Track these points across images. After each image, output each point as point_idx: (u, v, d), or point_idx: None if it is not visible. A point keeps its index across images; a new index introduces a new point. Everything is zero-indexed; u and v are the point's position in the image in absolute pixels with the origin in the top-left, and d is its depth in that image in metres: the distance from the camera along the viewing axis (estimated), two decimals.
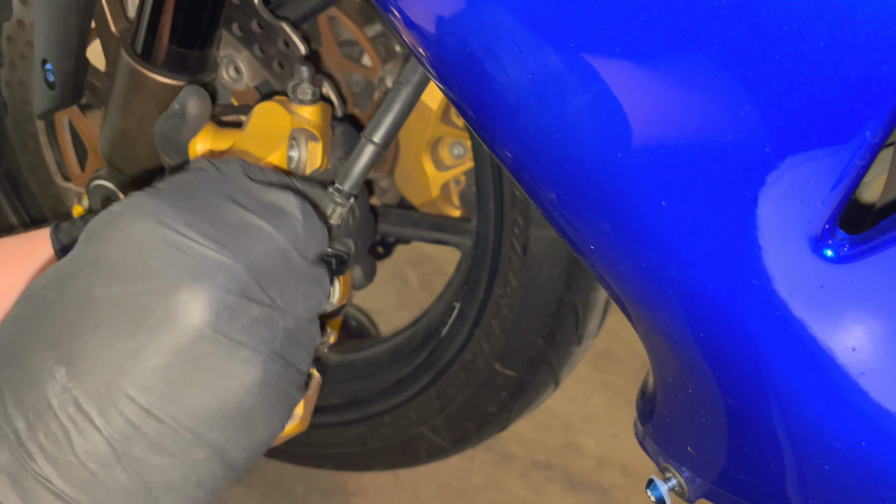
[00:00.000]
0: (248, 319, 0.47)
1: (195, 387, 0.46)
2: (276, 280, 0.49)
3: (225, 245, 0.47)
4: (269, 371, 0.48)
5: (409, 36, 0.50)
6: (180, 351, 0.45)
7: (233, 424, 0.48)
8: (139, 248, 0.46)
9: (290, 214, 0.51)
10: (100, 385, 0.45)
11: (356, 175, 0.62)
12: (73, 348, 0.45)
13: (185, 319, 0.45)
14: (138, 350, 0.45)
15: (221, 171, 0.52)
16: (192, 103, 0.67)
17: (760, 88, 0.39)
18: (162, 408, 0.46)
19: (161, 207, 0.48)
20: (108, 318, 0.46)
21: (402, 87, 0.63)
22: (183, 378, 0.46)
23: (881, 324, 0.42)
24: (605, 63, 0.42)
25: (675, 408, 0.57)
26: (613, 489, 1.25)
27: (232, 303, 0.46)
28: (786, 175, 0.41)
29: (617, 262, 0.50)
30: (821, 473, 0.48)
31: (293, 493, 1.20)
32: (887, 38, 0.36)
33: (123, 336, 0.45)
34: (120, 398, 0.45)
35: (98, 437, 0.45)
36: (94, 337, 0.45)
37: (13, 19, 1.00)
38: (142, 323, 0.45)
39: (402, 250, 1.41)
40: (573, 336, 0.90)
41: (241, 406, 0.47)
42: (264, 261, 0.48)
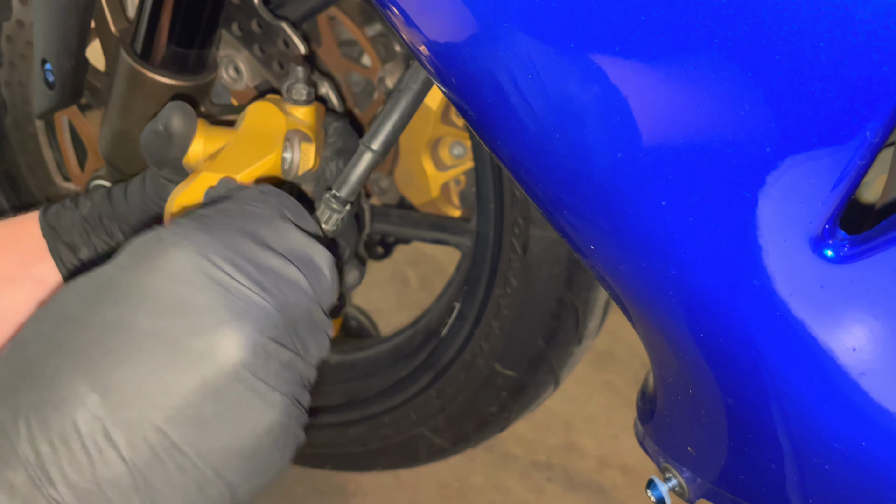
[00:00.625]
0: (278, 363, 0.48)
1: (224, 425, 0.47)
2: (301, 329, 0.50)
3: (266, 289, 0.48)
4: (287, 414, 0.49)
5: (409, 36, 0.50)
6: (215, 389, 0.46)
7: (249, 464, 0.49)
8: (187, 283, 0.47)
9: (321, 270, 0.52)
10: (132, 416, 0.45)
11: (354, 182, 0.62)
12: (109, 377, 0.46)
13: (224, 358, 0.46)
14: (174, 384, 0.46)
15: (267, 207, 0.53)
16: (175, 122, 0.66)
17: (761, 88, 0.39)
18: (190, 443, 0.46)
19: (210, 243, 0.48)
20: (148, 352, 0.46)
21: (401, 95, 0.63)
22: (214, 415, 0.46)
23: (881, 324, 0.42)
24: (606, 63, 0.42)
25: (676, 408, 0.57)
26: (613, 489, 1.25)
27: (267, 346, 0.47)
28: (786, 175, 0.41)
29: (617, 262, 0.50)
30: (821, 473, 0.48)
31: (293, 493, 1.20)
32: (887, 39, 0.36)
33: (161, 370, 0.46)
34: (150, 430, 0.45)
35: (123, 467, 0.45)
36: (131, 368, 0.46)
37: (13, 19, 1.00)
38: (182, 359, 0.46)
39: (402, 250, 1.41)
40: (573, 336, 0.90)
41: (259, 447, 0.48)
42: (295, 310, 0.49)
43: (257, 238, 0.50)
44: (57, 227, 0.69)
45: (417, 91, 0.63)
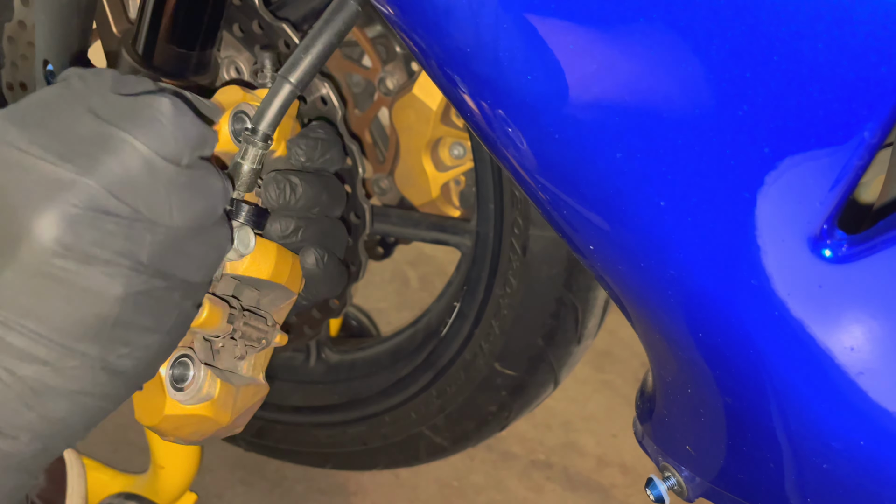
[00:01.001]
0: (100, 233, 0.47)
1: (51, 301, 0.46)
2: (138, 190, 0.48)
3: (70, 160, 0.47)
4: (134, 283, 0.48)
5: (408, 36, 0.51)
6: (29, 269, 0.46)
7: (101, 334, 0.48)
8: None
9: (156, 120, 0.49)
10: None
11: (271, 114, 0.60)
12: None
13: (28, 238, 0.46)
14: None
15: (87, 85, 0.51)
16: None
17: (759, 89, 0.39)
18: (19, 322, 0.46)
19: (6, 129, 0.47)
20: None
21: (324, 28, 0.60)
22: (37, 293, 0.46)
23: (879, 323, 0.42)
24: (605, 63, 0.43)
25: (675, 407, 0.57)
26: (613, 488, 1.25)
27: (79, 217, 0.46)
28: (784, 175, 0.41)
29: (616, 262, 0.50)
30: (819, 472, 0.48)
31: (293, 493, 1.20)
32: (886, 39, 0.36)
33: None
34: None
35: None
36: None
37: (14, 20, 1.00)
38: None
39: (402, 250, 1.41)
40: (573, 336, 0.90)
41: (105, 317, 0.48)
42: (120, 171, 0.47)
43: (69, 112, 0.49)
44: None
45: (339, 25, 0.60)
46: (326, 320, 0.94)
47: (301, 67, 0.60)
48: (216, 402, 0.61)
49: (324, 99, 0.81)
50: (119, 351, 0.49)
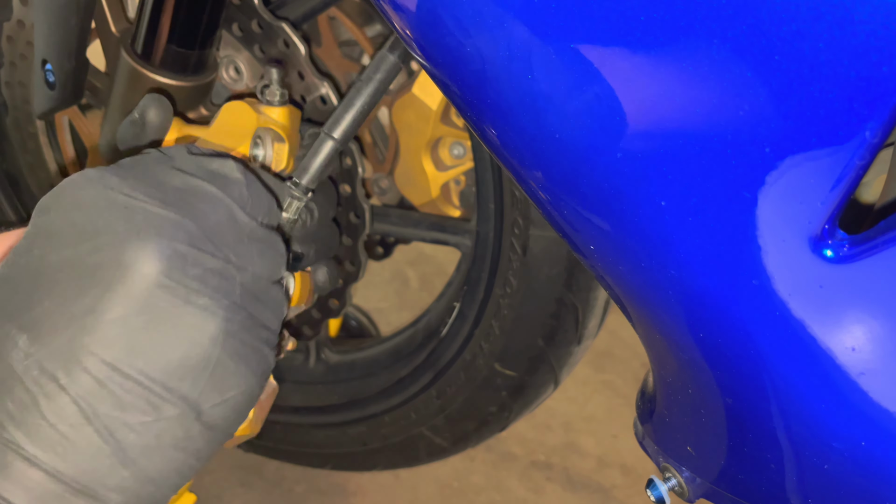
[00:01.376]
0: (201, 269, 0.48)
1: (157, 337, 0.46)
2: (226, 238, 0.50)
3: (170, 203, 0.48)
4: (231, 320, 0.49)
5: (409, 36, 0.51)
6: (137, 301, 0.46)
7: (202, 376, 0.48)
8: (85, 211, 0.47)
9: (234, 179, 0.52)
10: (62, 345, 0.45)
11: (314, 170, 0.62)
12: (32, 315, 0.46)
13: (136, 269, 0.46)
14: (95, 305, 0.46)
15: (167, 151, 0.54)
16: (151, 112, 0.67)
17: (760, 88, 0.39)
18: (127, 361, 0.46)
19: (105, 175, 0.49)
20: (62, 281, 0.46)
21: (364, 85, 0.63)
22: (144, 329, 0.46)
23: (880, 324, 0.42)
24: (605, 63, 0.43)
25: (675, 408, 0.57)
26: (613, 489, 1.25)
27: (183, 251, 0.47)
28: (785, 175, 0.41)
29: (617, 262, 0.50)
30: (820, 473, 0.48)
31: (293, 493, 1.20)
32: (887, 39, 0.36)
33: (79, 294, 0.46)
34: (83, 355, 0.45)
35: (65, 397, 0.45)
36: (50, 300, 0.46)
37: (13, 19, 1.00)
38: (95, 279, 0.46)
39: (402, 250, 1.41)
40: (573, 336, 0.90)
41: (207, 357, 0.48)
42: (212, 219, 0.49)
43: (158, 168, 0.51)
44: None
45: (381, 80, 0.63)
46: (326, 320, 0.94)
47: (344, 123, 0.62)
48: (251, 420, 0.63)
49: (323, 99, 0.81)
50: (213, 399, 0.49)
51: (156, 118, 0.66)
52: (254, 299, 0.51)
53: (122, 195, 0.48)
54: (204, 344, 0.47)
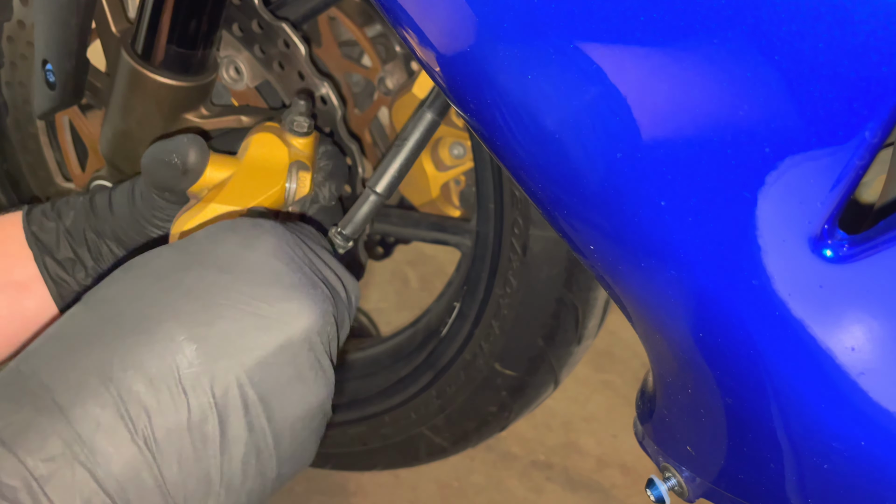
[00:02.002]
0: (331, 347, 0.54)
1: (288, 391, 0.51)
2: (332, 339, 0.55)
3: (327, 285, 0.54)
4: (324, 402, 0.54)
5: (409, 36, 0.51)
6: (292, 351, 0.51)
7: (295, 442, 0.53)
8: (278, 261, 0.53)
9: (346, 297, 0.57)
10: (223, 367, 0.49)
11: (358, 222, 0.67)
12: (208, 330, 0.49)
13: (302, 324, 0.51)
14: (262, 342, 0.50)
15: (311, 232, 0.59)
16: (192, 158, 0.67)
17: (760, 89, 0.39)
18: (264, 401, 0.50)
19: (289, 237, 0.55)
20: (247, 313, 0.50)
21: (405, 143, 0.67)
22: (282, 379, 0.51)
23: (880, 324, 0.42)
24: (605, 63, 0.43)
25: (675, 408, 0.57)
26: (613, 489, 1.25)
27: (328, 327, 0.53)
28: (785, 175, 0.41)
29: (616, 262, 0.50)
30: (820, 473, 0.48)
31: (293, 493, 1.20)
32: (886, 39, 0.36)
33: (253, 329, 0.50)
34: (235, 382, 0.49)
35: (211, 413, 0.49)
36: (228, 324, 0.50)
37: (14, 19, 1.00)
38: (274, 322, 0.51)
39: (402, 250, 1.41)
40: (573, 336, 0.90)
41: (309, 425, 0.53)
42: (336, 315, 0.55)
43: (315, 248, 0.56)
44: (42, 237, 0.70)
45: (420, 139, 0.68)
46: None
47: (387, 178, 0.68)
48: None
49: (323, 98, 0.81)
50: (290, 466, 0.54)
51: (196, 164, 0.67)
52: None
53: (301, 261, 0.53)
54: (314, 413, 0.53)
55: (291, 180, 0.69)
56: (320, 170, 0.73)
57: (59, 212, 0.71)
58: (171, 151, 0.66)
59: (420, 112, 0.68)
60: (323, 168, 0.73)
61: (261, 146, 0.70)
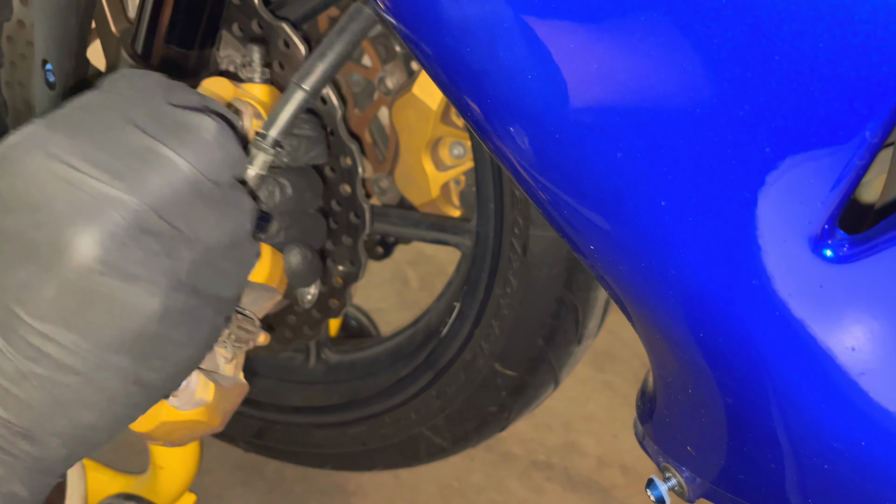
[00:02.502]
0: (143, 252, 0.47)
1: (91, 317, 0.47)
2: (180, 208, 0.48)
3: (120, 177, 0.47)
4: (173, 298, 0.48)
5: (409, 35, 0.50)
6: (71, 285, 0.46)
7: (138, 350, 0.49)
8: (30, 181, 0.46)
9: (202, 138, 0.50)
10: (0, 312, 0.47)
11: (283, 121, 0.59)
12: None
13: (72, 255, 0.46)
14: (30, 281, 0.46)
15: (134, 90, 0.51)
16: None
17: (760, 89, 0.39)
18: (60, 334, 0.47)
19: (55, 139, 0.47)
20: (3, 251, 0.47)
21: (337, 36, 0.60)
22: (78, 309, 0.47)
23: (881, 324, 0.42)
24: (605, 63, 0.42)
25: (675, 408, 0.57)
26: (613, 489, 1.25)
27: (124, 237, 0.46)
28: (785, 175, 0.41)
29: (617, 262, 0.50)
30: (820, 473, 0.48)
31: (293, 493, 1.20)
32: (887, 39, 0.36)
33: (15, 266, 0.46)
34: (19, 324, 0.46)
35: (2, 357, 0.47)
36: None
37: (13, 19, 1.00)
38: (32, 256, 0.46)
39: (402, 250, 1.41)
40: (573, 336, 0.90)
41: (142, 333, 0.48)
42: (165, 189, 0.48)
43: (118, 122, 0.49)
44: None
45: (355, 32, 0.60)
46: (326, 320, 0.93)
47: (315, 75, 0.59)
48: (210, 406, 0.61)
49: (323, 98, 0.81)
50: (152, 365, 0.50)
51: None
52: (205, 271, 0.50)
53: (68, 167, 0.46)
54: (139, 322, 0.48)
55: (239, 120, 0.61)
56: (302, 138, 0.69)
57: None
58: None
59: (356, 5, 0.61)
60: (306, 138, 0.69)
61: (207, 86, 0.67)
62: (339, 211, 0.84)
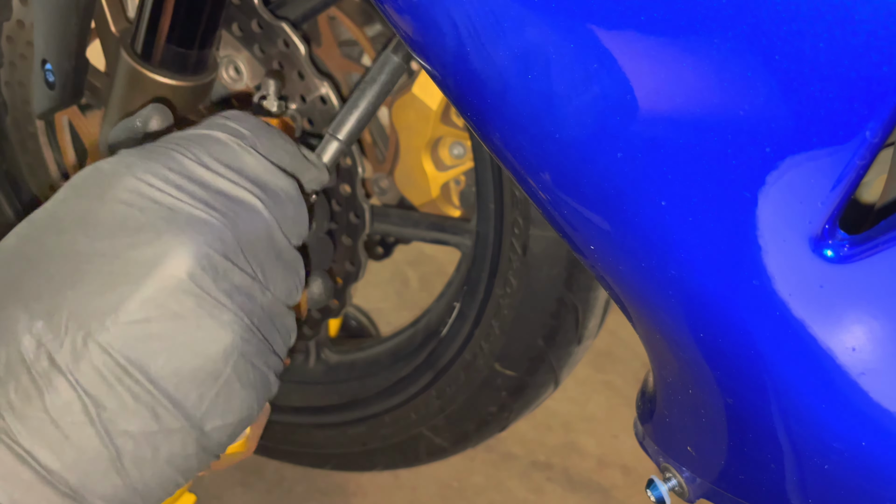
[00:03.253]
0: (229, 284, 0.47)
1: (173, 343, 0.45)
2: (259, 255, 0.49)
3: (212, 206, 0.47)
4: (246, 341, 0.47)
5: (409, 35, 0.50)
6: (160, 302, 0.45)
7: (209, 393, 0.47)
8: (125, 204, 0.46)
9: (287, 198, 0.51)
10: (77, 339, 0.44)
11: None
12: (50, 302, 0.44)
13: (167, 269, 0.45)
14: (119, 303, 0.44)
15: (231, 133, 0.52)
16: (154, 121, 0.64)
17: (760, 88, 0.39)
18: (139, 364, 0.45)
19: (150, 167, 0.47)
20: (92, 272, 0.45)
21: (368, 86, 0.63)
22: (162, 333, 0.45)
23: (881, 324, 0.42)
24: (605, 63, 0.42)
25: (675, 408, 0.57)
26: (613, 489, 1.25)
27: (216, 262, 0.46)
28: (786, 175, 0.41)
29: (617, 262, 0.50)
30: (820, 473, 0.48)
31: (293, 493, 1.20)
32: (887, 38, 0.36)
33: (106, 289, 0.44)
34: (96, 353, 0.44)
35: (71, 392, 0.44)
36: (73, 291, 0.44)
37: (13, 19, 1.00)
38: (125, 275, 0.45)
39: (402, 250, 1.41)
40: (573, 336, 0.90)
41: (217, 374, 0.47)
42: (250, 233, 0.48)
43: (212, 163, 0.49)
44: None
45: (385, 82, 0.63)
46: (326, 320, 0.93)
47: (348, 125, 0.62)
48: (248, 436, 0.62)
49: (323, 98, 0.81)
50: (215, 421, 0.48)
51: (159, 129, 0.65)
52: (269, 323, 0.50)
53: (165, 194, 0.47)
54: (217, 360, 0.46)
55: None
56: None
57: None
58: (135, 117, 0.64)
59: (385, 55, 0.63)
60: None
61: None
62: (339, 211, 0.84)
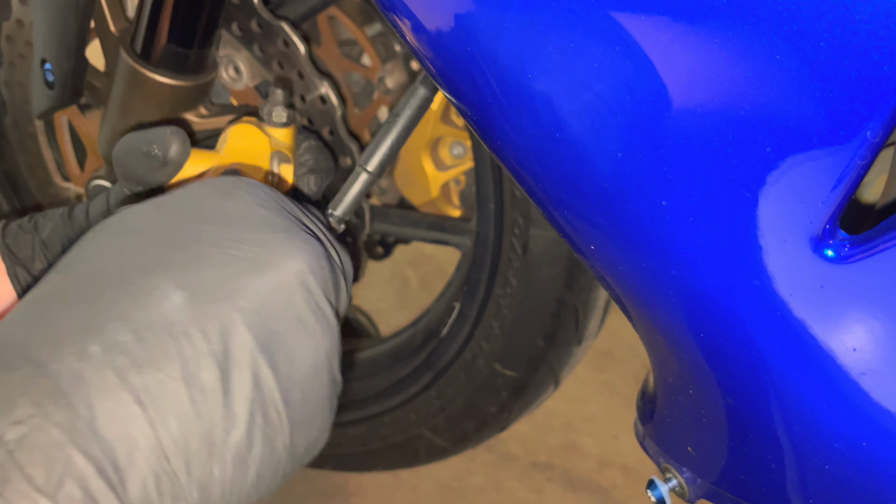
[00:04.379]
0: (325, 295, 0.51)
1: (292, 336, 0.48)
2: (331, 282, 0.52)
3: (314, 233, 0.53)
4: (331, 359, 0.50)
5: (409, 35, 0.50)
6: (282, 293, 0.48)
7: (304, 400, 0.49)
8: (266, 209, 0.51)
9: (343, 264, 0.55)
10: (216, 314, 0.46)
11: (349, 202, 0.65)
12: (196, 278, 0.47)
13: (284, 263, 0.49)
14: (253, 287, 0.48)
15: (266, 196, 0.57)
16: (174, 148, 0.64)
17: (761, 88, 0.39)
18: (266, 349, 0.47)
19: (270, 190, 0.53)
20: (236, 259, 0.48)
21: (397, 118, 0.65)
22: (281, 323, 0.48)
23: (882, 324, 0.42)
24: (605, 63, 0.42)
25: (676, 408, 0.57)
26: (614, 489, 1.25)
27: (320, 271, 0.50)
28: (786, 175, 0.40)
29: (617, 262, 0.50)
30: (821, 473, 0.48)
31: (293, 493, 1.20)
32: (888, 38, 0.36)
33: (243, 275, 0.48)
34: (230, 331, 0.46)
35: (209, 361, 0.45)
36: (218, 272, 0.47)
37: (12, 19, 1.00)
38: (263, 266, 0.48)
39: (402, 250, 1.41)
40: (573, 336, 0.90)
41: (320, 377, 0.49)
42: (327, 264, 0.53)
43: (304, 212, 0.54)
44: (16, 250, 0.67)
45: (413, 115, 0.65)
46: None
47: (377, 157, 0.65)
48: None
49: (323, 98, 0.81)
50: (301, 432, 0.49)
51: (178, 156, 0.65)
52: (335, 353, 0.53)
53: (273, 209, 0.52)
54: (320, 358, 0.49)
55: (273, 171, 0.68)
56: (302, 164, 0.71)
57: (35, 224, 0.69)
58: (152, 142, 0.64)
59: (413, 87, 0.66)
60: (305, 162, 0.71)
61: (240, 137, 0.68)
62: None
